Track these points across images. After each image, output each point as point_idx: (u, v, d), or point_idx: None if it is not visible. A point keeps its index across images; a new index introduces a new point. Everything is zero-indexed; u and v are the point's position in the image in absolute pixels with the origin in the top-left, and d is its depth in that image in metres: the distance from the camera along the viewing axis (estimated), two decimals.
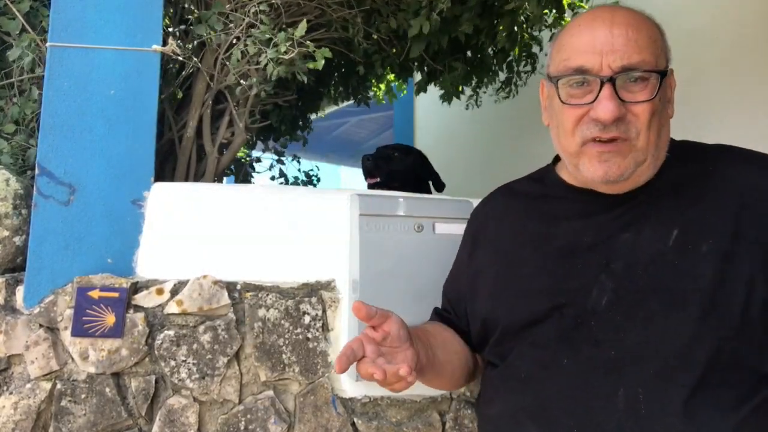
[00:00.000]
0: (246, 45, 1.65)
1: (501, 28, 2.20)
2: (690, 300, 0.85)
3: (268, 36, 1.61)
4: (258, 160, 2.97)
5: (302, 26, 1.58)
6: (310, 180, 3.14)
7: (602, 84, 0.89)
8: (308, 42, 1.61)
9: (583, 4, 2.71)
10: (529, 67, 2.78)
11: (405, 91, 3.67)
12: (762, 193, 0.90)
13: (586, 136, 0.92)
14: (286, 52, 1.59)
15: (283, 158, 3.01)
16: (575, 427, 0.87)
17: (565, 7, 2.37)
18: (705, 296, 0.85)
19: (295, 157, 3.16)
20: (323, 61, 1.62)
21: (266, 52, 1.61)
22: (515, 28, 2.30)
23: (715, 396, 0.82)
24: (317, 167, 3.25)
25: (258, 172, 2.97)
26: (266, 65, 1.60)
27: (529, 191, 1.14)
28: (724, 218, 0.89)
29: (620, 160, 0.91)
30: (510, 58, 2.67)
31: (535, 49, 2.67)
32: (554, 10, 2.26)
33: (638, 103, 0.90)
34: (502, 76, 2.86)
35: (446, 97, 2.72)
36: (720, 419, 0.81)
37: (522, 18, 2.27)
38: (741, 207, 0.89)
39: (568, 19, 2.72)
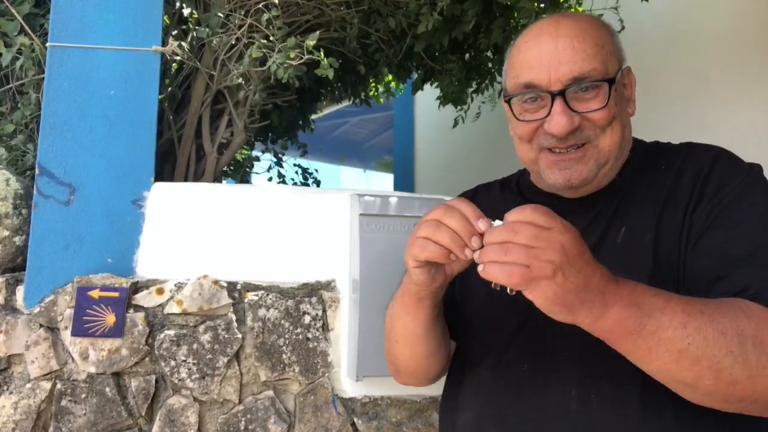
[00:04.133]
0: (251, 48, 1.65)
1: (494, 26, 2.20)
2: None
3: (274, 39, 1.62)
4: (257, 158, 2.97)
5: (313, 37, 1.59)
6: (306, 178, 3.14)
7: (553, 98, 0.90)
8: (317, 51, 1.62)
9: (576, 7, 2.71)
10: None
11: (401, 91, 3.67)
12: (701, 177, 0.90)
13: (542, 145, 0.94)
14: (294, 58, 1.59)
15: (282, 160, 3.01)
16: (531, 428, 0.89)
17: (561, 2, 2.36)
18: (647, 282, 0.83)
19: (304, 170, 3.15)
20: (332, 71, 1.63)
21: (272, 56, 1.61)
22: (511, 24, 2.30)
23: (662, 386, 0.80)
24: (316, 170, 3.25)
25: (256, 173, 2.97)
26: (276, 70, 1.60)
27: (502, 192, 1.15)
28: (657, 204, 0.91)
29: (581, 167, 0.93)
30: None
31: None
32: (548, 6, 2.25)
33: (592, 111, 0.91)
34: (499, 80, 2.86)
35: (444, 101, 2.72)
36: (672, 409, 0.81)
37: (516, 14, 2.27)
38: (674, 188, 0.91)
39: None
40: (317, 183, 3.17)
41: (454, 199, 0.87)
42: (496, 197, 1.14)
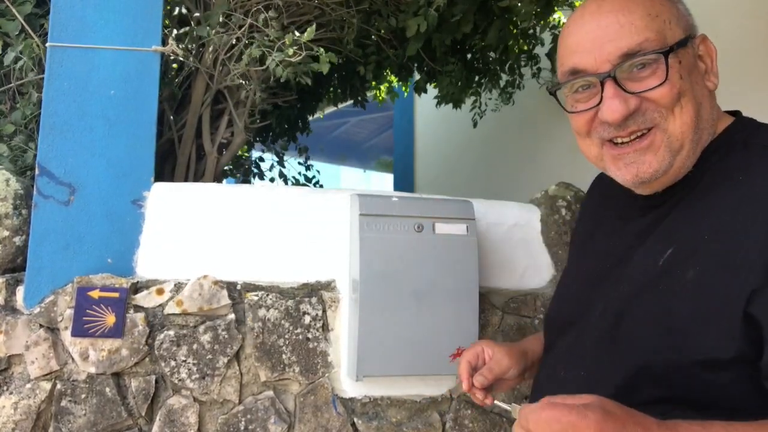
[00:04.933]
0: (247, 46, 1.65)
1: (491, 27, 2.20)
2: (656, 332, 0.76)
3: (273, 37, 1.61)
4: (261, 159, 2.97)
5: (310, 31, 1.59)
6: (309, 180, 3.14)
7: (603, 82, 0.80)
8: (316, 46, 1.62)
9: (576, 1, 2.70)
10: (532, 68, 2.77)
11: (407, 92, 3.67)
12: None
13: (603, 138, 0.83)
14: (292, 55, 1.59)
15: (283, 161, 3.01)
16: None
17: (555, 6, 2.35)
18: (662, 329, 0.75)
19: (306, 166, 3.16)
20: (329, 66, 1.62)
21: (272, 54, 1.61)
22: (508, 26, 2.30)
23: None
24: (318, 171, 3.25)
25: (263, 177, 2.97)
26: (276, 67, 1.60)
27: (605, 184, 1.04)
28: (721, 240, 0.73)
29: (650, 157, 0.80)
30: (510, 60, 2.67)
31: (537, 50, 2.67)
32: (546, 7, 2.25)
33: (651, 90, 0.78)
34: (504, 79, 2.86)
35: (442, 101, 2.72)
36: None
37: (515, 18, 2.27)
38: (745, 231, 0.71)
39: (559, 17, 2.71)
40: (319, 184, 3.18)
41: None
42: (595, 197, 1.07)
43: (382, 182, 9.49)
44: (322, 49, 1.63)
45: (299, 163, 3.16)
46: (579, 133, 0.87)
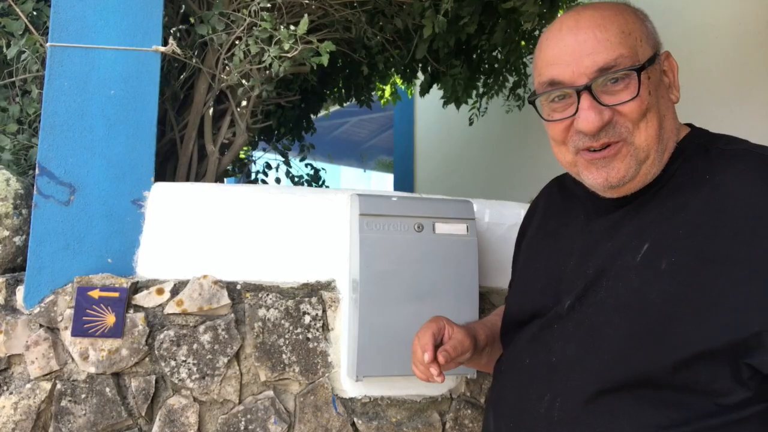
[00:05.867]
0: (248, 44, 1.65)
1: (497, 28, 2.21)
2: (628, 318, 0.81)
3: (269, 34, 1.61)
4: (269, 166, 2.97)
5: (304, 22, 1.58)
6: (317, 177, 3.13)
7: (579, 94, 0.85)
8: (312, 38, 1.61)
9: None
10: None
11: (411, 94, 3.67)
12: (753, 213, 0.77)
13: (578, 147, 0.89)
14: (289, 50, 1.59)
15: (289, 160, 3.01)
16: (512, 424, 0.94)
17: (560, 9, 2.36)
18: (642, 316, 0.79)
19: (310, 165, 3.16)
20: (328, 56, 1.61)
21: (269, 50, 1.61)
22: (514, 27, 2.30)
23: (619, 411, 0.80)
24: (324, 169, 3.25)
25: (265, 176, 2.97)
26: (271, 63, 1.60)
27: (566, 187, 1.11)
28: (694, 233, 0.80)
29: (618, 163, 0.87)
30: (515, 60, 2.67)
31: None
32: (550, 9, 2.25)
33: (623, 103, 0.85)
34: (511, 81, 2.86)
35: (448, 101, 2.72)
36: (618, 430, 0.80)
37: (520, 19, 2.27)
38: (718, 224, 0.78)
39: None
40: (323, 182, 3.18)
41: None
42: (556, 200, 1.11)
43: (382, 182, 9.50)
44: (316, 41, 1.62)
45: (306, 165, 3.16)
46: (555, 141, 0.94)
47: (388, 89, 3.39)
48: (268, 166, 2.96)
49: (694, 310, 0.76)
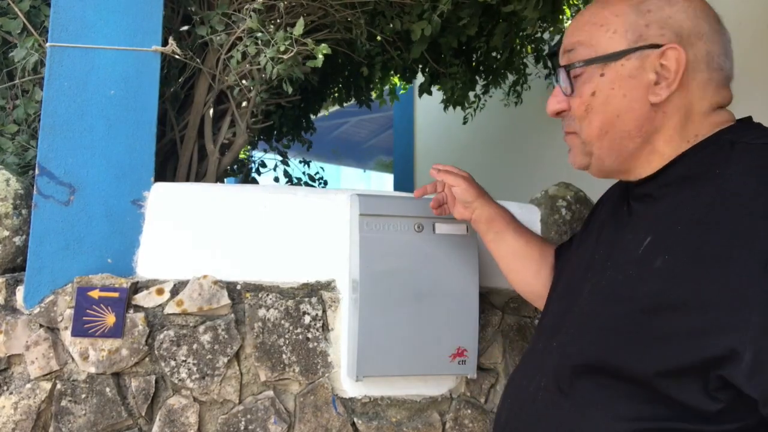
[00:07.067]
0: (246, 46, 1.65)
1: (496, 31, 2.20)
2: (613, 310, 0.81)
3: (267, 37, 1.61)
4: (263, 164, 2.97)
5: (300, 24, 1.58)
6: (314, 178, 3.14)
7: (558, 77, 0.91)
8: (307, 40, 1.61)
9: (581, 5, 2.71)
10: (538, 70, 2.78)
11: (405, 89, 3.68)
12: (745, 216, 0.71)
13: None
14: (285, 52, 1.59)
15: (287, 159, 3.01)
16: (509, 401, 0.98)
17: (564, 12, 2.37)
18: (626, 310, 0.78)
19: (305, 162, 3.17)
20: (322, 58, 1.61)
21: (265, 51, 1.61)
22: (514, 30, 2.30)
23: (594, 400, 0.80)
24: (322, 168, 3.25)
25: (261, 172, 2.97)
26: (266, 64, 1.60)
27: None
28: (694, 230, 0.75)
29: (573, 152, 0.94)
30: (515, 62, 2.67)
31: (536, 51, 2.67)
32: (551, 13, 2.26)
33: (567, 96, 0.89)
34: (510, 80, 2.87)
35: (448, 103, 2.72)
36: (599, 419, 0.79)
37: (521, 22, 2.27)
38: (720, 221, 0.72)
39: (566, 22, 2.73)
40: (324, 183, 3.18)
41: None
42: (615, 191, 1.10)
43: (382, 182, 9.49)
44: (313, 44, 1.61)
45: (301, 162, 3.16)
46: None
47: (387, 87, 3.39)
48: (263, 164, 2.96)
49: (676, 311, 0.72)
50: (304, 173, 3.11)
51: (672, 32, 0.83)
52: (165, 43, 1.49)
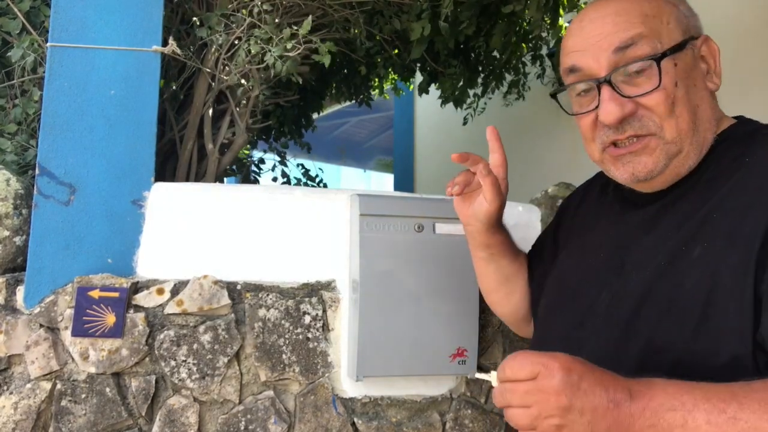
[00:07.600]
0: (249, 45, 1.65)
1: (496, 31, 2.20)
2: (662, 311, 0.79)
3: (270, 35, 1.61)
4: (262, 161, 2.97)
5: (307, 23, 1.59)
6: (311, 177, 3.13)
7: (600, 86, 0.84)
8: (314, 38, 1.62)
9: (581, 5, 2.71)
10: (536, 69, 2.78)
11: (411, 87, 3.68)
12: None
13: (604, 142, 0.87)
14: (291, 49, 1.59)
15: (285, 159, 3.01)
16: None
17: (562, 12, 2.37)
18: (677, 307, 0.77)
19: (303, 168, 3.16)
20: (329, 56, 1.62)
21: (270, 50, 1.61)
22: (513, 30, 2.30)
23: None
24: (321, 170, 3.25)
25: (260, 171, 2.97)
26: (273, 63, 1.60)
27: (604, 181, 1.09)
28: (729, 216, 0.76)
29: (645, 158, 0.83)
30: (514, 61, 2.68)
31: (538, 51, 2.67)
32: (553, 14, 2.26)
33: (646, 94, 0.81)
34: (509, 79, 2.87)
35: (446, 101, 2.72)
36: None
37: (520, 21, 2.27)
38: (749, 206, 0.74)
39: (565, 22, 2.74)
40: (323, 184, 3.18)
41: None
42: (595, 192, 1.10)
43: (382, 182, 9.50)
44: (319, 42, 1.62)
45: (298, 165, 3.16)
46: (585, 138, 0.92)
47: (387, 84, 3.39)
48: (261, 160, 2.96)
49: (724, 296, 0.72)
50: (303, 174, 3.11)
51: (697, 24, 0.87)
52: (165, 43, 1.49)
